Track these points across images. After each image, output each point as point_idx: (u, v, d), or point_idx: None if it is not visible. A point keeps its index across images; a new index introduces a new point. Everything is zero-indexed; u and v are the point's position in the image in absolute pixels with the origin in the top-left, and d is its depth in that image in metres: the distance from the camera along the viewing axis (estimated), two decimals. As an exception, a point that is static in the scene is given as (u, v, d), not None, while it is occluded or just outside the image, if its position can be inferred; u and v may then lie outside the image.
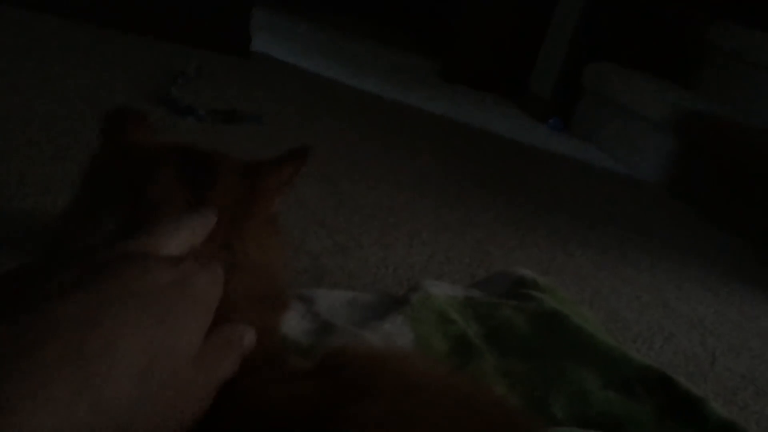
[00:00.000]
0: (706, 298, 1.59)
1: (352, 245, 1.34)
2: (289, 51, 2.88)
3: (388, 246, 1.38)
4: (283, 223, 0.70)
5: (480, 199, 1.81)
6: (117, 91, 1.78)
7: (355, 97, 2.52)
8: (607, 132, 2.80)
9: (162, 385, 0.38)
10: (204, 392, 0.42)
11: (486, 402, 0.51)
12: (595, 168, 2.55)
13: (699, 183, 2.37)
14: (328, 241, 1.33)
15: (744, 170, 2.21)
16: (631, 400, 0.85)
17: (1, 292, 0.38)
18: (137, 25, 2.32)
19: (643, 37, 2.94)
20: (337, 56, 3.11)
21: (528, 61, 3.17)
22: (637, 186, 2.47)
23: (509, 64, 3.26)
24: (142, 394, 0.37)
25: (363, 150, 1.93)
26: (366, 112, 2.37)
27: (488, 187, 1.94)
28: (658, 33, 2.95)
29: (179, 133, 1.63)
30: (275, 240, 0.63)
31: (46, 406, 0.32)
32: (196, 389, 0.41)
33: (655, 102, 2.55)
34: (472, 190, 1.86)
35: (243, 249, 0.55)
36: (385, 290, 1.17)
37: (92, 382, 0.34)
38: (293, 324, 0.83)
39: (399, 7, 4.45)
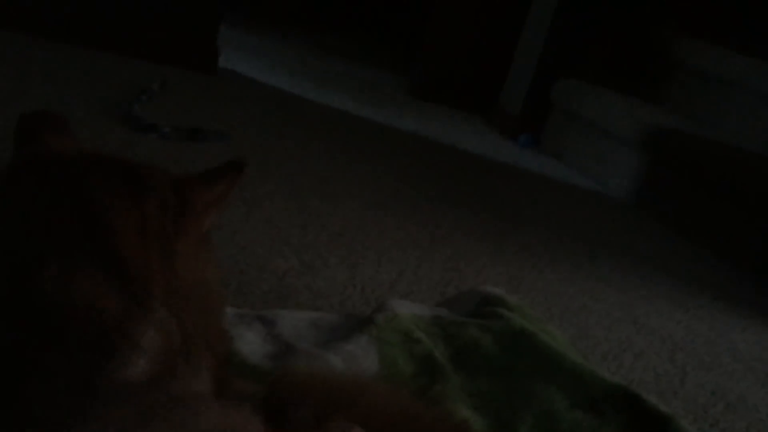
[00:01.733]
0: (676, 314, 1.59)
1: (319, 264, 1.32)
2: (257, 68, 2.86)
3: (356, 264, 1.36)
4: (243, 242, 0.67)
5: (449, 216, 1.80)
6: (77, 108, 1.74)
7: (324, 114, 2.50)
8: (576, 148, 2.82)
9: None
10: None
11: (447, 427, 0.49)
12: (564, 184, 2.55)
13: (667, 198, 2.39)
14: (294, 260, 1.30)
15: (712, 185, 2.23)
16: (598, 420, 0.84)
17: None
18: (100, 41, 2.29)
19: (610, 54, 2.97)
20: (305, 73, 3.09)
21: (497, 78, 3.18)
22: (606, 202, 2.48)
23: (478, 80, 3.27)
24: None
25: (331, 167, 1.91)
26: (334, 129, 2.36)
27: (458, 204, 1.93)
28: (626, 50, 2.98)
29: (141, 152, 1.60)
30: (208, 259, 0.58)
31: None
32: None
33: (623, 118, 2.57)
34: (442, 208, 1.85)
35: (177, 274, 0.51)
36: (350, 311, 1.15)
37: None
38: (254, 348, 0.80)
39: (367, 23, 4.46)
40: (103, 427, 0.40)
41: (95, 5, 2.26)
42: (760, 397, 1.29)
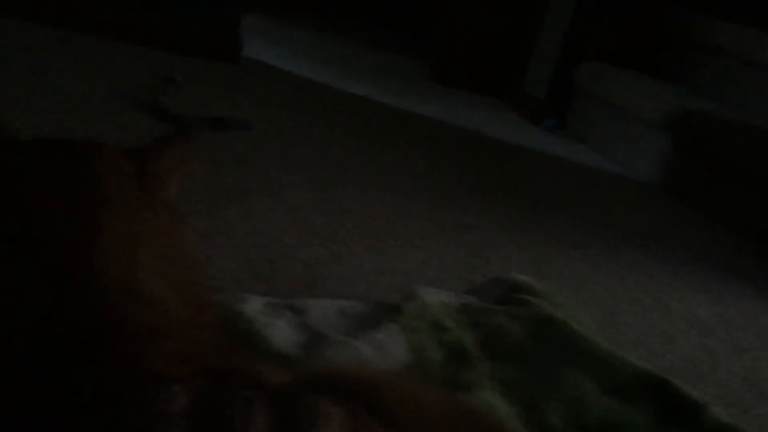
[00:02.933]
0: (706, 299, 1.57)
1: (346, 252, 1.32)
2: (279, 56, 2.86)
3: (382, 252, 1.36)
4: (270, 231, 0.67)
5: (474, 202, 1.79)
6: (102, 100, 1.75)
7: (347, 101, 2.50)
8: (601, 132, 2.79)
9: None
10: None
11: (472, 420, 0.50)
12: (590, 169, 2.53)
13: (695, 182, 2.36)
14: (320, 249, 1.31)
15: (740, 168, 2.20)
16: (629, 406, 0.83)
17: None
18: (124, 32, 2.30)
19: (635, 36, 2.93)
20: (327, 60, 3.09)
21: (521, 62, 3.15)
22: (633, 186, 2.46)
23: (502, 65, 3.25)
24: None
25: (355, 155, 1.91)
26: (357, 116, 2.35)
27: (483, 190, 1.92)
28: (652, 32, 2.94)
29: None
30: (181, 227, 0.57)
31: None
32: None
33: (648, 101, 2.54)
34: (467, 194, 1.84)
35: (151, 255, 0.50)
36: (377, 298, 1.15)
37: None
38: (285, 336, 0.81)
39: (389, 9, 4.44)
40: None
41: (119, -3, 2.28)
42: (793, 382, 1.28)
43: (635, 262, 1.69)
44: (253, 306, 0.84)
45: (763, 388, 1.22)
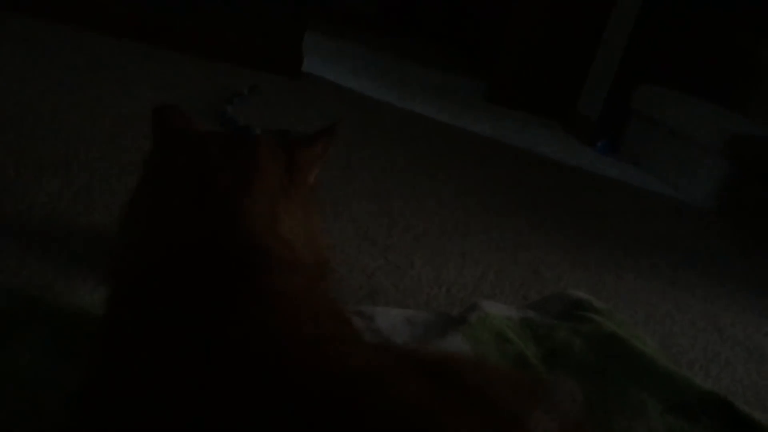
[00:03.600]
0: (763, 325, 1.56)
1: (405, 264, 1.35)
2: (339, 72, 2.92)
3: (440, 265, 1.39)
4: (332, 240, 0.79)
5: (529, 220, 1.81)
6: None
7: (404, 118, 2.54)
8: (657, 156, 2.77)
9: None
10: None
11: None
12: (645, 192, 2.52)
13: (751, 207, 2.33)
14: (380, 260, 1.34)
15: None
16: (692, 425, 0.84)
17: None
18: (193, 46, 2.39)
19: (693, 59, 2.92)
20: (385, 77, 3.15)
21: (576, 83, 3.16)
22: (688, 211, 2.44)
23: (556, 85, 3.26)
24: None
25: (413, 170, 1.95)
26: (413, 132, 2.39)
27: (537, 209, 1.93)
28: (709, 54, 2.92)
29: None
30: (315, 209, 0.72)
31: None
32: None
33: (706, 125, 2.52)
34: (522, 212, 1.86)
35: (289, 217, 0.64)
36: (440, 309, 1.18)
37: None
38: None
39: (447, 28, 4.49)
40: None
41: (190, 12, 2.36)
42: None
43: (691, 285, 1.68)
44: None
45: (823, 417, 1.21)
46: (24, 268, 0.97)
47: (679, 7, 2.83)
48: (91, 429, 0.50)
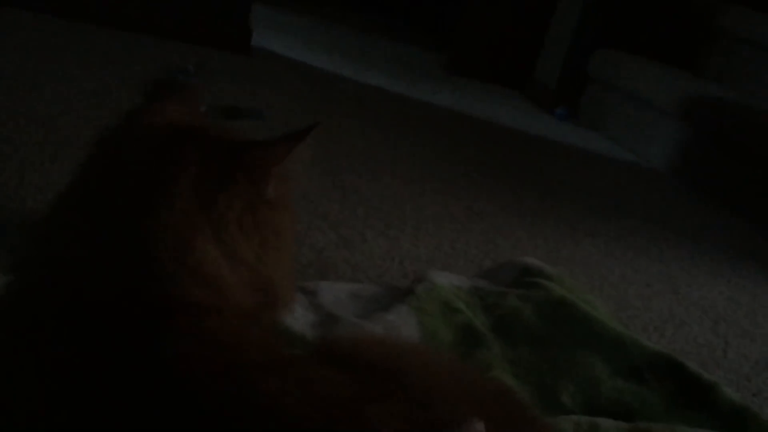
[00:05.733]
0: (718, 284, 1.57)
1: (357, 238, 1.33)
2: (291, 46, 2.87)
3: (394, 238, 1.37)
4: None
5: (486, 189, 1.79)
6: (116, 90, 1.76)
7: (360, 91, 2.50)
8: (614, 120, 2.78)
9: None
10: None
11: (495, 391, 0.50)
12: (603, 157, 2.52)
13: (708, 168, 2.35)
14: (332, 235, 1.32)
15: (754, 155, 2.19)
16: (641, 387, 0.84)
17: None
18: (135, 24, 2.31)
19: (649, 23, 2.91)
20: (340, 50, 3.09)
21: (533, 51, 3.14)
22: (645, 174, 2.45)
23: (514, 54, 3.23)
24: None
25: (367, 143, 1.92)
26: (370, 105, 2.36)
27: (495, 177, 1.92)
28: (665, 18, 2.92)
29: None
30: (278, 233, 0.57)
31: None
32: None
33: (662, 88, 2.52)
34: (479, 181, 1.84)
35: (215, 245, 0.51)
36: (390, 282, 1.15)
37: None
38: (297, 316, 0.82)
39: (403, 0, 4.43)
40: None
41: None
42: (806, 366, 1.27)
43: (647, 248, 1.68)
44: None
45: (776, 372, 1.22)
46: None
47: (633, -30, 2.82)
48: None
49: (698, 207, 2.20)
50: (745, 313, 1.46)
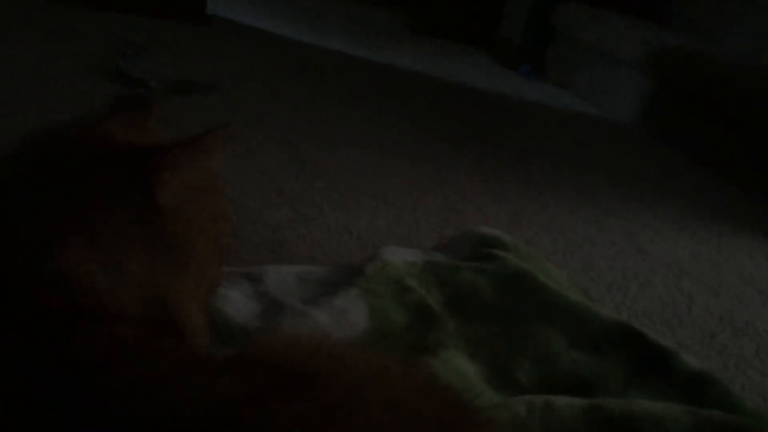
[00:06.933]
0: (682, 239, 1.56)
1: (314, 213, 1.29)
2: (247, 12, 2.79)
3: (352, 211, 1.34)
4: (235, 195, 0.63)
5: (449, 155, 1.76)
6: (62, 66, 1.70)
7: (321, 57, 2.44)
8: (580, 75, 2.74)
9: None
10: None
11: (425, 395, 0.48)
12: (570, 114, 2.50)
13: (675, 122, 2.33)
14: (287, 210, 1.28)
15: (720, 108, 2.17)
16: (598, 359, 0.82)
17: None
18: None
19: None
20: (299, 16, 3.02)
21: (498, 7, 3.08)
22: (613, 129, 2.43)
23: (478, 10, 3.18)
24: None
25: (327, 112, 1.87)
26: (331, 72, 2.30)
27: (458, 141, 1.88)
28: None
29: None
30: (177, 254, 0.53)
31: None
32: None
33: (626, 40, 2.49)
34: (442, 146, 1.81)
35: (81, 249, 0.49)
36: (346, 259, 1.13)
37: None
38: (240, 307, 0.79)
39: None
40: None
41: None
42: (770, 320, 1.27)
43: (613, 205, 1.67)
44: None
45: (739, 326, 1.21)
46: None
47: None
48: None
49: (666, 161, 2.19)
50: (710, 266, 1.45)
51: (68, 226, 0.48)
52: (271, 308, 0.79)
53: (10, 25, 1.93)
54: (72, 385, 0.42)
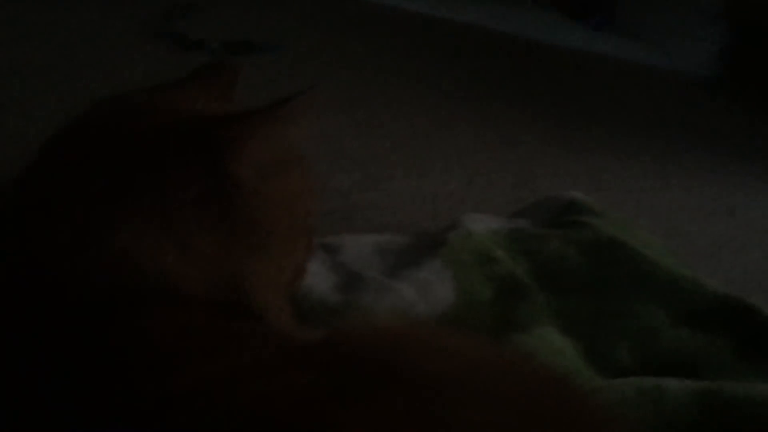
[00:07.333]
0: (777, 202, 1.45)
1: (384, 177, 1.24)
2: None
3: (423, 175, 1.28)
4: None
5: (520, 114, 1.67)
6: (117, 30, 1.66)
7: (377, 13, 2.36)
8: (654, 26, 2.59)
9: None
10: None
11: (527, 384, 0.42)
12: (643, 68, 2.36)
13: (757, 75, 2.18)
14: (357, 175, 1.23)
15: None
16: (705, 336, 0.75)
17: None
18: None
19: None
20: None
21: (563, -44, 2.93)
22: (691, 84, 2.29)
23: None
24: None
25: (390, 71, 1.80)
26: (389, 28, 2.22)
27: (528, 99, 1.79)
28: None
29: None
30: (260, 221, 0.49)
31: None
32: None
33: (706, -13, 2.33)
34: (511, 105, 1.72)
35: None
36: (419, 225, 1.07)
37: None
38: (319, 279, 0.74)
39: None
40: None
41: None
42: None
43: (698, 166, 1.56)
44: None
45: None
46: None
47: None
48: None
49: (750, 119, 2.04)
50: (809, 231, 1.34)
51: (132, 200, 0.44)
52: (350, 281, 0.74)
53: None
54: (143, 376, 0.38)
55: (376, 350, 0.41)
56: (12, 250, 0.44)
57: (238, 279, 0.46)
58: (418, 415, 0.36)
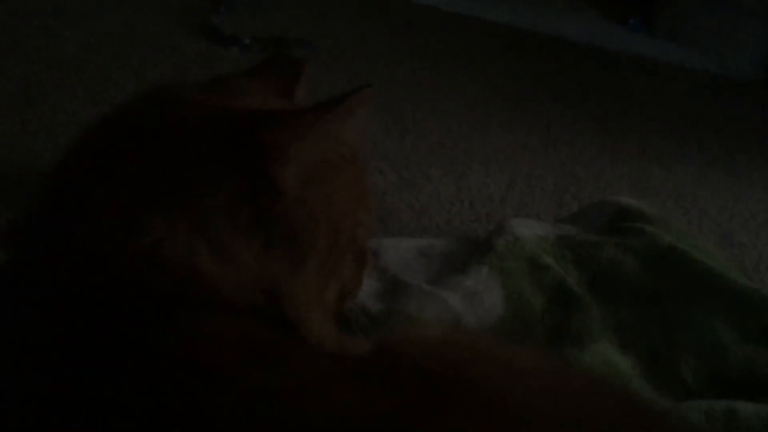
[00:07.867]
0: (833, 211, 1.38)
1: (421, 179, 1.19)
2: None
3: (461, 176, 1.23)
4: None
5: (560, 114, 1.62)
6: (153, 24, 1.63)
7: (413, 13, 2.31)
8: (695, 28, 2.51)
9: None
10: None
11: (589, 398, 0.38)
12: (684, 70, 2.29)
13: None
14: (393, 176, 1.19)
15: None
16: (777, 355, 0.69)
17: None
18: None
19: None
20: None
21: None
22: (734, 86, 2.21)
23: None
24: None
25: (426, 70, 1.75)
26: (426, 29, 2.17)
27: (568, 100, 1.73)
28: None
29: (223, 66, 1.49)
30: (303, 230, 0.45)
31: None
32: None
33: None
34: (551, 106, 1.67)
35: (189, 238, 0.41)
36: (458, 229, 1.02)
37: None
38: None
39: None
40: None
41: None
42: None
43: (747, 172, 1.50)
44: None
45: None
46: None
47: None
48: None
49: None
50: None
51: (165, 197, 0.41)
52: (393, 287, 0.69)
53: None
54: (178, 389, 0.34)
55: (440, 363, 0.37)
56: (45, 242, 0.42)
57: (275, 293, 0.42)
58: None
